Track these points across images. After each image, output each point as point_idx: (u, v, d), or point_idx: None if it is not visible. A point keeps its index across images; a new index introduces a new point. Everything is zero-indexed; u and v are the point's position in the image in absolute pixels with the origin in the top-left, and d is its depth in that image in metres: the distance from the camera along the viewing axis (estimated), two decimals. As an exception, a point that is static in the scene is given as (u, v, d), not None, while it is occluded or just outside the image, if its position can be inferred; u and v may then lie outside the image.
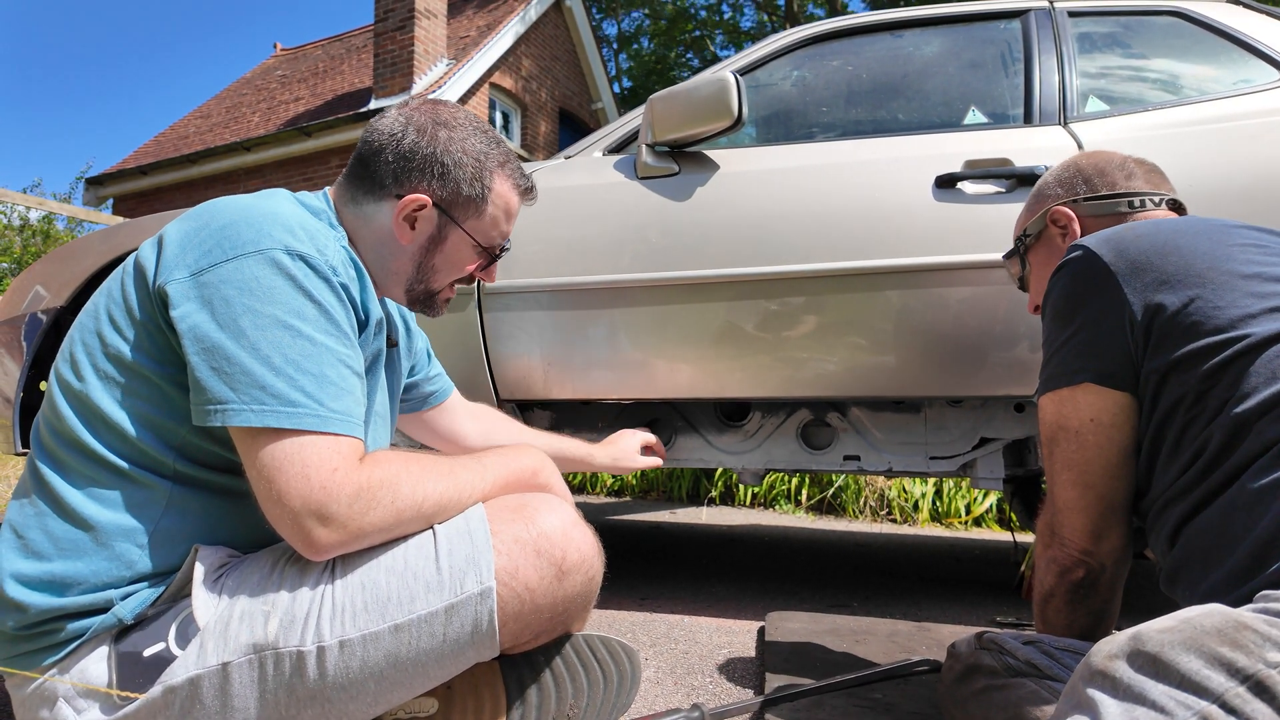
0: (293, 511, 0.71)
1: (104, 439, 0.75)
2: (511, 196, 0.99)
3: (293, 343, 0.74)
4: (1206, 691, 0.52)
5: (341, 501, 0.72)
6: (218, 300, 0.73)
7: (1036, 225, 1.11)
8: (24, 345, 1.77)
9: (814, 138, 1.82)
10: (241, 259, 0.74)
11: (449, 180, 0.93)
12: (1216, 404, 0.76)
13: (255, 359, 0.72)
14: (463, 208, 0.94)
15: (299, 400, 0.72)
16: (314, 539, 0.71)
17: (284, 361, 0.73)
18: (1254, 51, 1.59)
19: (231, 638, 0.71)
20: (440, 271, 0.97)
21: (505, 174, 0.97)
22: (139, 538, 0.74)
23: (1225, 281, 0.79)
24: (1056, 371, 0.91)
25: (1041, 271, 1.13)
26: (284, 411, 0.71)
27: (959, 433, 1.67)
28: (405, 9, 9.56)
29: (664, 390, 1.64)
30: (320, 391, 0.74)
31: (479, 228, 0.96)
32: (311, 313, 0.76)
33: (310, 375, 0.73)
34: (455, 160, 0.93)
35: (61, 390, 0.78)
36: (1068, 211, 1.06)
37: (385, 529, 0.75)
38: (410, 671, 0.73)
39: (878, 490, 3.68)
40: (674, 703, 1.18)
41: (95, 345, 0.78)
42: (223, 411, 0.71)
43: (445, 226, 0.94)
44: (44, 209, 7.04)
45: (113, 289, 0.80)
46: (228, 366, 0.72)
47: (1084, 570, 0.90)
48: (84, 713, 0.70)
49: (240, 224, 0.76)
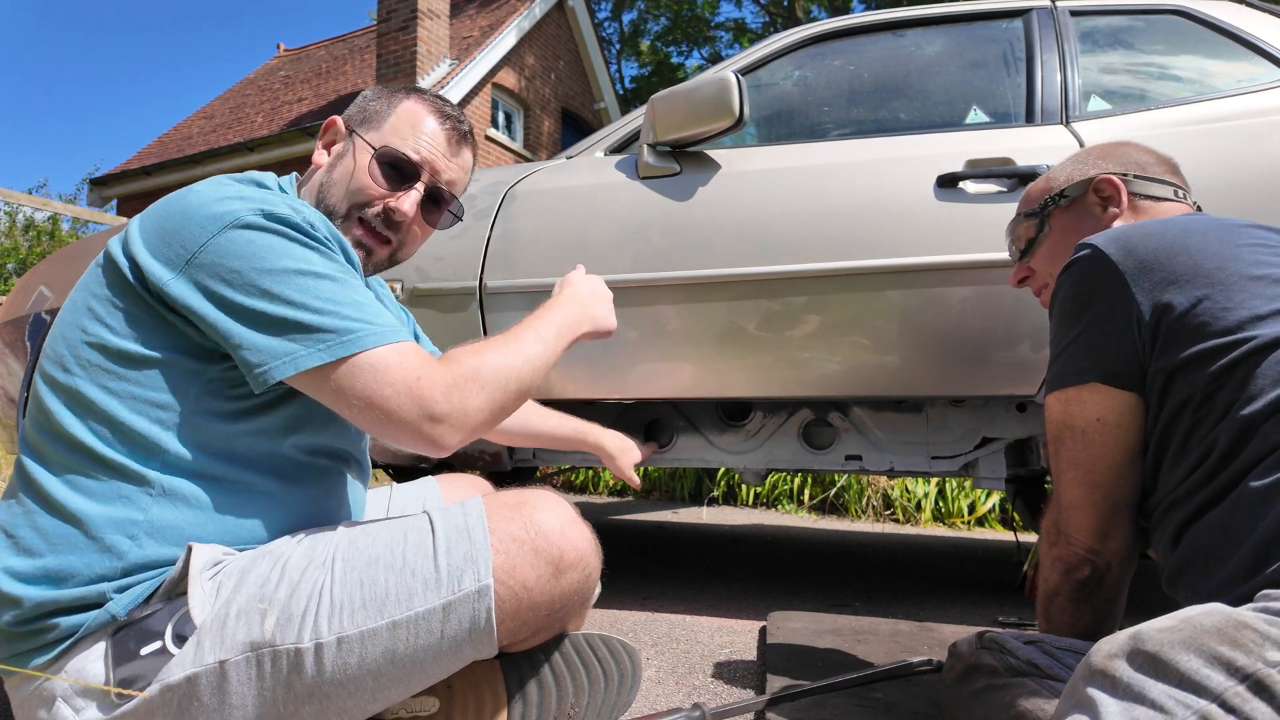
0: (406, 424, 0.77)
1: (94, 429, 0.76)
2: (420, 110, 0.98)
3: (318, 284, 0.78)
4: (1206, 690, 0.52)
5: (439, 399, 0.78)
6: (226, 274, 0.76)
7: (1077, 188, 1.04)
8: (28, 345, 1.78)
9: (815, 137, 1.81)
10: (225, 232, 0.77)
11: (361, 105, 1.00)
12: (1223, 405, 0.76)
13: (294, 308, 0.76)
14: (365, 123, 0.98)
15: (353, 326, 0.77)
16: (436, 438, 0.78)
17: (320, 301, 0.77)
18: (1257, 50, 1.58)
19: (229, 636, 0.71)
20: (337, 184, 0.95)
21: (420, 99, 1.00)
22: (129, 529, 0.74)
23: (1233, 282, 0.79)
24: (1063, 370, 0.90)
25: (1062, 238, 1.06)
26: (347, 339, 0.76)
27: (961, 432, 1.67)
28: (408, 9, 9.58)
29: (665, 390, 1.64)
30: (364, 314, 0.78)
31: (379, 137, 0.96)
32: (315, 256, 0.79)
33: (348, 304, 0.78)
34: (376, 94, 1.01)
35: (47, 385, 0.79)
36: (1117, 182, 1.01)
37: (490, 409, 0.83)
38: (408, 669, 0.73)
39: (880, 490, 3.67)
40: (675, 702, 1.18)
41: (77, 338, 0.79)
42: (291, 361, 0.75)
43: (348, 140, 0.98)
44: (48, 209, 7.07)
45: (89, 282, 0.82)
46: (273, 324, 0.75)
47: (1089, 569, 0.90)
48: (82, 712, 0.71)
49: (205, 204, 0.79)
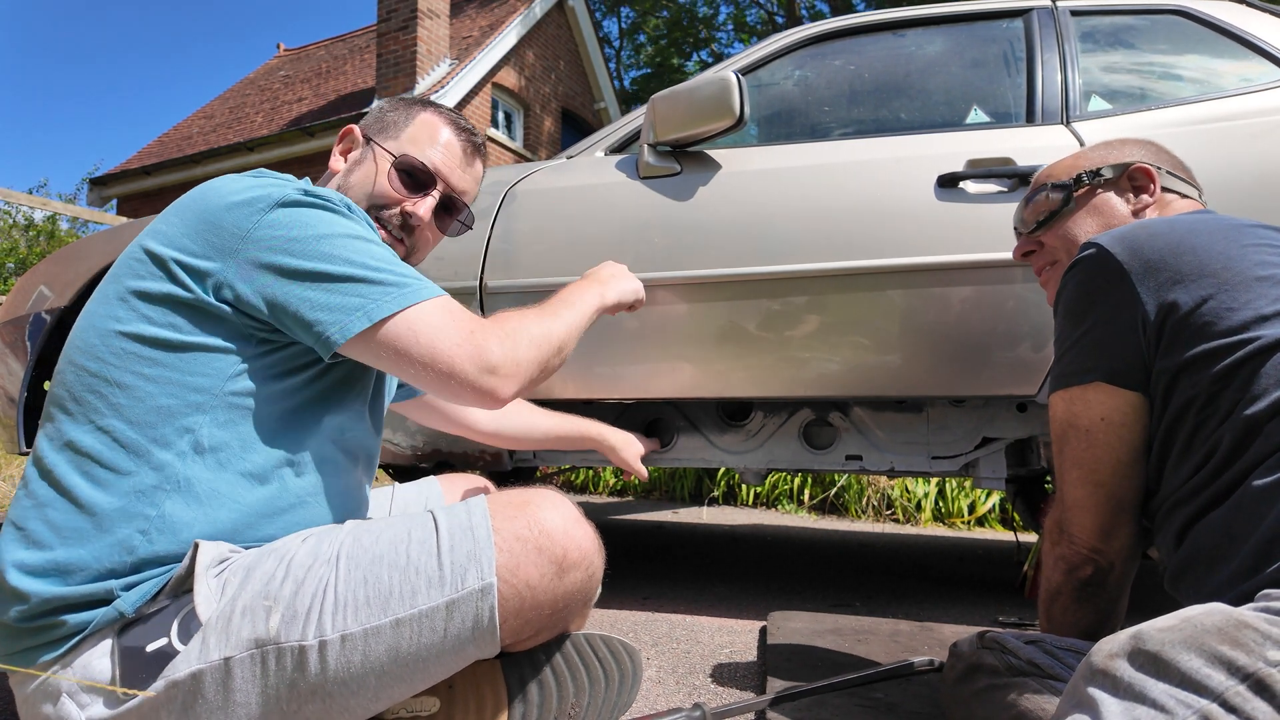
0: (467, 375, 0.81)
1: (125, 414, 0.76)
2: (437, 122, 1.03)
3: (369, 248, 0.82)
4: (1207, 690, 0.52)
5: (494, 350, 0.83)
6: (285, 244, 0.79)
7: (1114, 170, 1.02)
8: (28, 345, 1.77)
9: (816, 137, 1.81)
10: (275, 210, 0.80)
11: (378, 115, 1.05)
12: (1228, 406, 0.76)
13: (355, 266, 0.80)
14: (383, 132, 1.02)
15: (409, 281, 0.82)
16: (494, 388, 0.83)
17: (376, 260, 0.81)
18: (1257, 50, 1.58)
19: (233, 632, 0.71)
20: (356, 188, 1.00)
21: (436, 111, 1.05)
22: (140, 523, 0.74)
23: (1239, 282, 0.79)
24: (1068, 370, 0.90)
25: (1084, 219, 1.04)
26: (408, 290, 0.81)
27: (961, 432, 1.67)
28: (408, 9, 9.58)
29: (666, 390, 1.64)
30: (412, 273, 0.84)
31: (397, 146, 1.01)
32: (359, 227, 0.84)
33: (398, 265, 0.83)
34: (393, 105, 1.06)
35: (76, 375, 0.78)
36: (1153, 171, 1.01)
37: (538, 363, 0.88)
38: (411, 667, 0.74)
39: (880, 490, 3.67)
40: (676, 702, 1.18)
41: (110, 328, 0.78)
42: (364, 313, 0.78)
43: (366, 148, 1.02)
44: (48, 209, 7.07)
45: (120, 274, 0.82)
46: (338, 284, 0.79)
47: (1092, 568, 0.90)
48: (87, 708, 0.71)
49: (246, 190, 0.82)
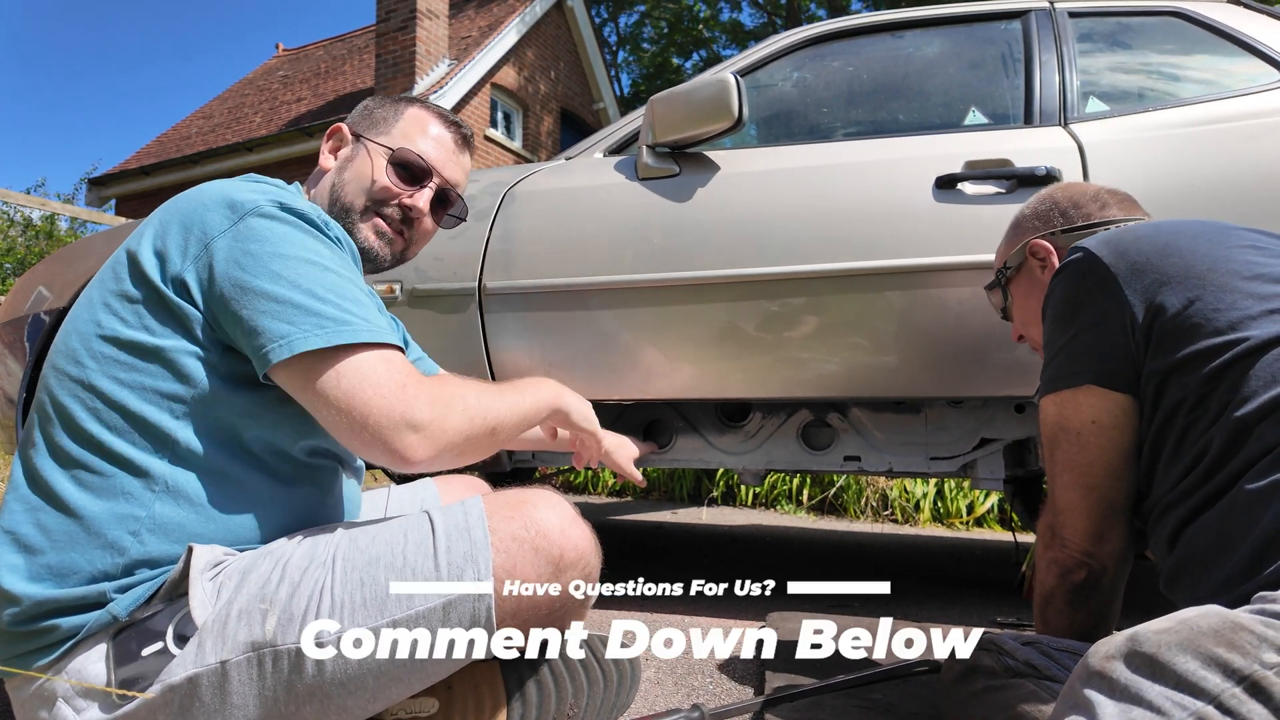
0: (382, 428, 0.75)
1: (105, 421, 0.76)
2: (426, 116, 1.05)
3: (323, 276, 0.79)
4: (1203, 692, 0.52)
5: (423, 408, 0.77)
6: (241, 257, 0.77)
7: (1016, 258, 1.14)
8: (27, 346, 1.77)
9: (815, 138, 1.81)
10: (245, 219, 0.79)
11: (366, 113, 1.05)
12: (1217, 407, 0.76)
13: (299, 293, 0.77)
14: (373, 128, 1.03)
15: (351, 320, 0.78)
16: (408, 448, 0.76)
17: (325, 291, 0.78)
18: (1254, 52, 1.58)
19: (230, 636, 0.71)
20: (350, 184, 1.00)
21: (423, 106, 1.06)
22: (132, 525, 0.74)
23: (1225, 283, 0.79)
24: (1057, 373, 0.91)
25: (1024, 303, 1.15)
26: (344, 329, 0.77)
27: (959, 433, 1.67)
28: (407, 9, 9.57)
29: (665, 391, 1.64)
30: (363, 311, 0.80)
31: (390, 140, 1.02)
32: (325, 250, 0.82)
33: (349, 300, 0.79)
34: (379, 102, 1.06)
35: (58, 379, 0.79)
36: (1046, 244, 1.09)
37: (464, 435, 0.81)
38: (409, 668, 0.73)
39: (879, 490, 3.68)
40: (674, 703, 1.19)
41: (91, 331, 0.79)
42: (286, 343, 0.75)
43: (357, 145, 1.03)
44: (47, 210, 7.06)
45: (104, 279, 0.82)
46: (276, 307, 0.76)
47: (1085, 571, 0.90)
48: (83, 712, 0.71)
49: (224, 195, 0.81)
